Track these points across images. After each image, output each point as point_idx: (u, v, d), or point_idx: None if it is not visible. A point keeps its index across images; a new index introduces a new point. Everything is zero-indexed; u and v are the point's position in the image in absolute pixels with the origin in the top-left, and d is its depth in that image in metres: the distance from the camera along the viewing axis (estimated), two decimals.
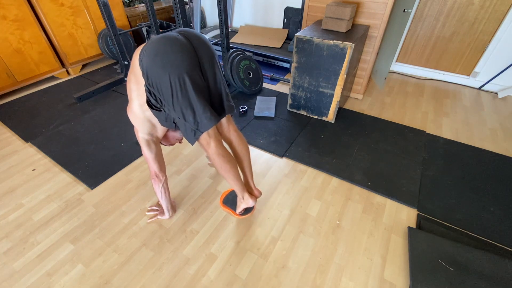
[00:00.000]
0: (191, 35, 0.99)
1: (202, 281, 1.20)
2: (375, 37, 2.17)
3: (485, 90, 2.76)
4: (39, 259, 1.27)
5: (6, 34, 2.40)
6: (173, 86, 0.93)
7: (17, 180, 1.70)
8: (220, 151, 1.12)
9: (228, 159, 1.15)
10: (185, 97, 0.96)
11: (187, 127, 1.04)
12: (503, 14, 2.40)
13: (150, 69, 0.92)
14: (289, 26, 3.41)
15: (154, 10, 2.88)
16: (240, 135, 1.32)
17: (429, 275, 1.16)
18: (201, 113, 1.00)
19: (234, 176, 1.21)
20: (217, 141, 1.11)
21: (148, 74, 0.94)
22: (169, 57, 0.90)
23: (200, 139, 1.08)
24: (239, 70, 2.52)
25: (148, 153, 1.22)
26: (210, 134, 1.07)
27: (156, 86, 0.94)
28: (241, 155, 1.33)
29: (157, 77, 0.92)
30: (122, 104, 2.46)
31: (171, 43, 0.92)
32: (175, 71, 0.91)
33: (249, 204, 1.36)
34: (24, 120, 2.25)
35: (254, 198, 1.36)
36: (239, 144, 1.31)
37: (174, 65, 0.91)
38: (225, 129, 1.28)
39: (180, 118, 1.02)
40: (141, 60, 0.93)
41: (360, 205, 1.55)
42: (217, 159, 1.12)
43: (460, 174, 1.74)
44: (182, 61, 0.92)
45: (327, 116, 2.22)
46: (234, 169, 1.19)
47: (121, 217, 1.47)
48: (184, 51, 0.93)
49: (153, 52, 0.91)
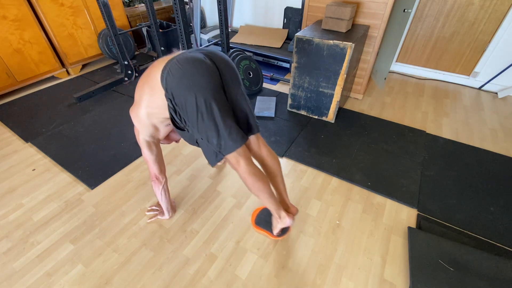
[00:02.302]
0: (216, 57, 1.00)
1: (202, 281, 1.20)
2: (375, 37, 2.17)
3: (485, 90, 2.76)
4: (39, 259, 1.27)
5: (6, 34, 2.40)
6: (198, 108, 0.93)
7: (17, 180, 1.70)
8: (251, 169, 1.06)
9: (260, 177, 1.09)
10: (210, 120, 0.95)
11: (210, 149, 1.03)
12: (503, 14, 2.40)
13: (175, 90, 0.93)
14: (289, 26, 3.41)
15: (154, 10, 2.89)
16: (271, 151, 1.26)
17: (429, 275, 1.16)
18: (226, 136, 0.98)
19: (268, 195, 1.13)
20: (247, 159, 1.06)
21: (173, 94, 0.94)
22: (196, 79, 0.91)
23: (229, 158, 1.03)
24: (239, 70, 2.52)
25: (149, 155, 1.21)
26: (239, 152, 1.03)
27: (182, 106, 0.95)
28: (273, 171, 1.26)
29: (183, 98, 0.93)
30: (122, 104, 2.46)
31: (198, 66, 0.93)
32: (201, 94, 0.92)
33: (286, 224, 1.24)
34: (24, 120, 2.25)
35: (291, 216, 1.25)
36: (271, 160, 1.24)
37: (200, 88, 0.92)
38: (255, 147, 1.22)
39: (204, 139, 1.01)
40: (165, 79, 0.93)
41: (360, 205, 1.55)
42: (249, 178, 1.06)
43: (460, 174, 1.74)
44: (208, 83, 0.93)
45: (327, 116, 2.22)
46: (267, 187, 1.12)
47: (121, 217, 1.47)
48: (210, 73, 0.94)
49: (179, 74, 0.91)
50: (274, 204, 1.18)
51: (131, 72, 2.85)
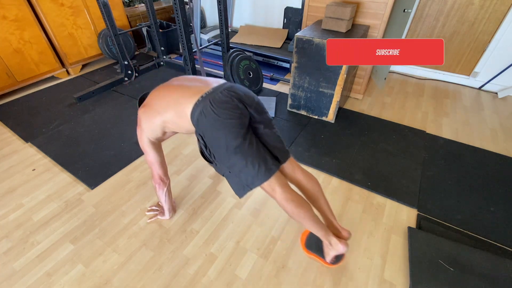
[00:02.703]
0: (243, 96, 1.04)
1: (202, 281, 1.20)
2: (375, 37, 2.17)
3: (485, 90, 2.76)
4: (39, 259, 1.27)
5: (6, 34, 2.40)
6: (228, 147, 0.97)
7: (17, 180, 1.70)
8: (288, 195, 1.02)
9: (299, 202, 1.04)
10: (240, 156, 0.98)
11: (238, 181, 1.05)
12: (503, 14, 2.40)
13: (208, 131, 0.99)
14: (289, 26, 3.41)
15: (154, 10, 2.89)
16: (308, 173, 1.21)
17: (429, 275, 1.16)
18: (256, 170, 0.99)
19: (312, 221, 1.08)
20: (283, 186, 1.03)
21: (204, 134, 1.00)
22: (227, 122, 0.96)
23: (264, 188, 1.03)
24: (239, 70, 2.52)
25: (154, 157, 1.22)
26: (272, 181, 1.01)
27: (212, 144, 1.01)
28: (313, 194, 1.19)
29: (214, 139, 0.99)
30: (122, 104, 2.46)
31: (229, 108, 0.97)
32: (231, 134, 0.96)
33: (339, 251, 1.15)
34: (24, 120, 2.25)
35: (343, 242, 1.15)
36: (308, 182, 1.19)
37: (231, 129, 0.96)
38: (289, 171, 1.18)
39: (232, 173, 1.04)
40: (197, 119, 0.98)
41: (360, 205, 1.55)
42: (287, 205, 1.02)
43: (460, 174, 1.74)
44: (238, 124, 0.97)
45: (327, 116, 2.22)
46: (309, 213, 1.06)
47: (121, 217, 1.47)
48: (240, 115, 0.99)
49: (213, 117, 0.96)
50: (321, 230, 1.11)
51: (131, 72, 2.85)
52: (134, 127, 1.24)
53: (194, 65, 2.30)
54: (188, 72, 2.30)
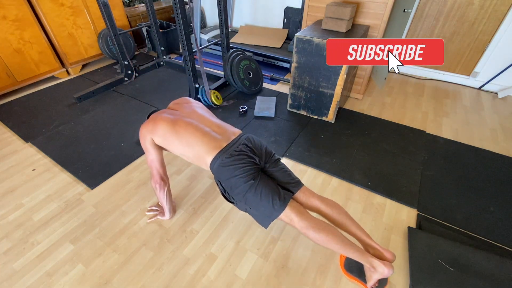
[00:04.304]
0: (257, 147, 1.17)
1: (202, 281, 1.20)
2: (375, 37, 2.17)
3: (485, 90, 2.76)
4: (39, 259, 1.27)
5: (6, 34, 2.40)
6: (243, 191, 1.07)
7: (17, 180, 1.70)
8: (307, 223, 1.04)
9: (321, 227, 1.04)
10: (255, 196, 1.07)
11: (260, 214, 1.12)
12: (503, 14, 2.40)
13: (226, 181, 1.10)
14: (289, 26, 3.41)
15: (154, 10, 2.89)
16: (325, 198, 1.20)
17: (429, 275, 1.16)
18: (271, 205, 1.06)
19: (341, 244, 1.04)
20: (300, 214, 1.06)
21: (221, 180, 1.12)
22: (242, 171, 1.07)
23: (282, 219, 1.08)
24: (239, 70, 2.52)
25: (156, 157, 1.26)
26: (287, 212, 1.06)
27: (229, 190, 1.12)
28: (337, 218, 1.16)
29: (230, 183, 1.09)
30: (122, 104, 2.46)
31: (245, 159, 1.09)
32: (246, 180, 1.06)
33: (384, 274, 1.06)
34: (24, 120, 2.25)
35: (388, 264, 1.05)
36: (327, 207, 1.17)
37: (246, 176, 1.07)
38: (304, 200, 1.18)
39: (252, 208, 1.12)
40: (216, 169, 1.10)
41: (360, 205, 1.55)
42: (308, 232, 1.03)
43: (460, 174, 1.74)
44: (252, 170, 1.09)
45: (327, 116, 2.22)
46: (335, 237, 1.04)
47: (121, 217, 1.47)
48: (253, 163, 1.11)
49: (229, 168, 1.08)
50: (355, 252, 1.05)
51: (131, 72, 2.85)
52: (134, 127, 1.25)
53: (194, 65, 2.30)
54: (188, 72, 2.30)
